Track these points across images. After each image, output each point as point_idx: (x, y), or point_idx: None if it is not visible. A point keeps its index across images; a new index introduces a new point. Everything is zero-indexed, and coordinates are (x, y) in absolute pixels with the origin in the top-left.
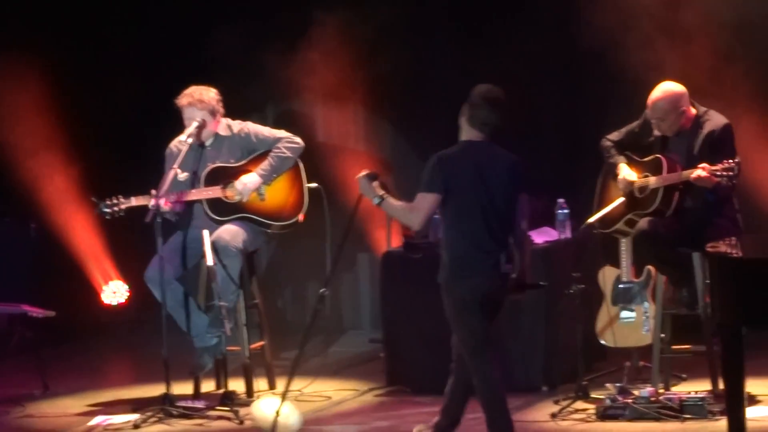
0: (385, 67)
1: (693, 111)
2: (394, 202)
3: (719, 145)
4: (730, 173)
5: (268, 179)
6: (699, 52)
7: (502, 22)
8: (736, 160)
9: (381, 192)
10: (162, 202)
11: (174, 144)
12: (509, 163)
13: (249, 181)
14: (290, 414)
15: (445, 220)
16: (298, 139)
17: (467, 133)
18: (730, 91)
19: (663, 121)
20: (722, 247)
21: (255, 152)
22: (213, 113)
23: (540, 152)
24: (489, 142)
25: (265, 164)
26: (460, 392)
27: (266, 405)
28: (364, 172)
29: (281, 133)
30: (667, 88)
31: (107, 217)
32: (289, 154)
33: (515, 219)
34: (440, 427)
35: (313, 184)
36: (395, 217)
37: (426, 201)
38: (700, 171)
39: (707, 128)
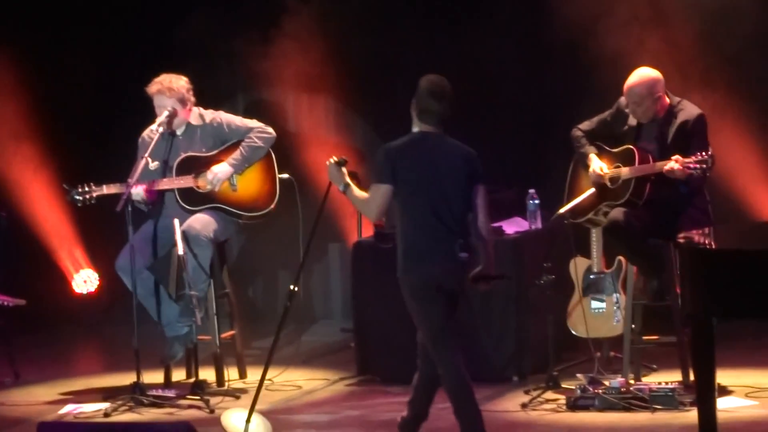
0: (357, 56)
1: (667, 100)
2: (357, 191)
3: (692, 136)
4: (704, 166)
5: (239, 169)
6: (672, 42)
7: (472, 11)
8: (710, 152)
9: (347, 180)
10: (140, 189)
11: (146, 133)
12: (461, 154)
13: (220, 170)
14: (260, 425)
15: (399, 210)
16: (270, 129)
17: (417, 124)
18: (701, 82)
19: (639, 106)
20: (695, 237)
21: (227, 142)
22: (183, 102)
23: (510, 142)
24: (440, 134)
25: (236, 154)
26: (424, 386)
27: (235, 417)
28: (333, 158)
29: (253, 123)
30: (643, 73)
31: (78, 205)
32: (260, 143)
33: (473, 210)
34: (405, 420)
35: (285, 175)
36: (356, 206)
37: (378, 192)
38: (673, 163)
39: (681, 118)
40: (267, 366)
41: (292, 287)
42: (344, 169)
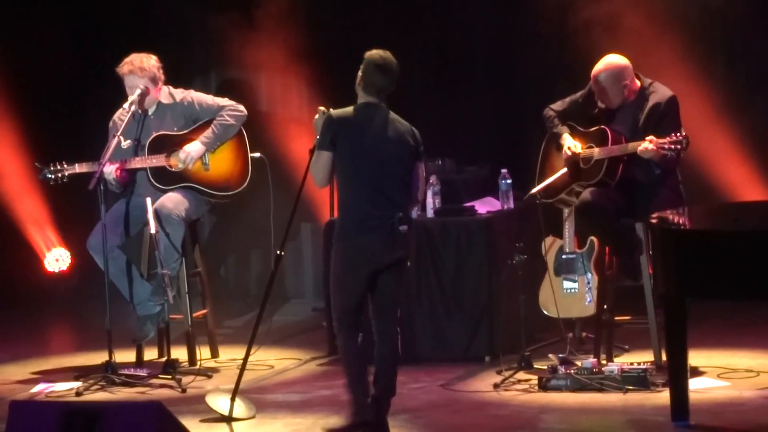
0: (329, 36)
1: (638, 83)
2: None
3: (664, 117)
4: (678, 147)
5: (211, 147)
6: (644, 21)
7: None
8: (684, 133)
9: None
10: (113, 169)
11: (117, 115)
12: (404, 128)
13: (192, 149)
14: (244, 405)
15: (338, 178)
16: (241, 107)
17: (362, 96)
18: (671, 61)
19: (605, 93)
20: (668, 216)
21: (199, 120)
22: (154, 80)
23: (482, 122)
24: (383, 107)
25: (208, 132)
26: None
27: (221, 400)
28: (322, 109)
29: (225, 101)
30: (610, 60)
31: (51, 183)
32: (232, 122)
33: (411, 184)
34: (374, 397)
35: (257, 154)
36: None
37: (320, 159)
38: (647, 144)
39: (653, 100)
40: (254, 335)
41: (278, 252)
42: None
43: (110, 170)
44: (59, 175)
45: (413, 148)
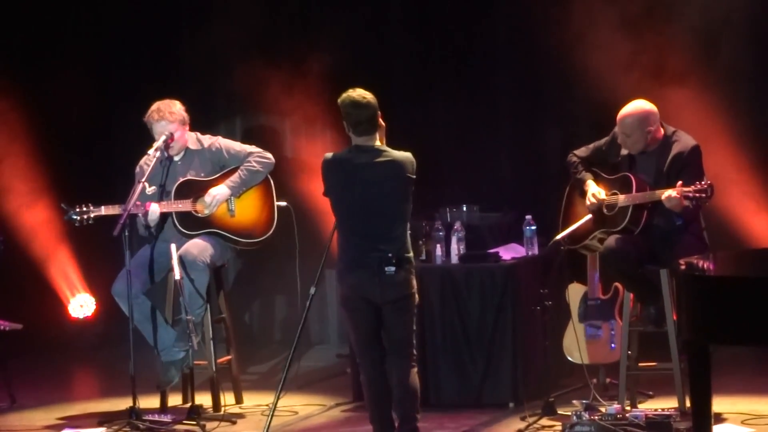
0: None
1: (662, 131)
2: None
3: (687, 166)
4: (702, 195)
5: (237, 192)
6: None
7: (470, 38)
8: (708, 182)
9: None
10: (157, 208)
11: (143, 161)
12: (393, 164)
13: (218, 192)
14: None
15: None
16: (268, 155)
17: (353, 139)
18: (692, 106)
19: (629, 137)
20: (695, 262)
21: (226, 167)
22: (183, 123)
23: (508, 168)
24: (373, 146)
25: (235, 177)
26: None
27: None
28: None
29: (252, 148)
30: (637, 105)
31: (76, 225)
32: (259, 168)
33: (399, 220)
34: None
35: (283, 203)
36: None
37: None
38: (672, 191)
39: (676, 149)
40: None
41: (312, 290)
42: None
43: (156, 210)
44: (85, 216)
45: (407, 179)
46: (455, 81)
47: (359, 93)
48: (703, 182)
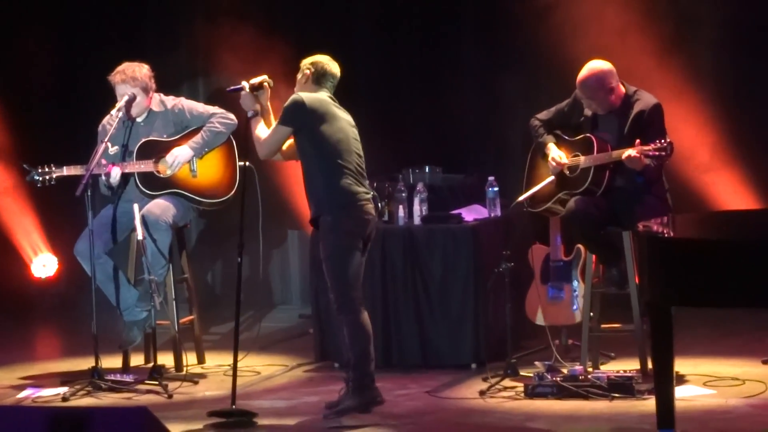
0: (315, 43)
1: (623, 89)
2: (261, 124)
3: (649, 125)
4: (662, 153)
5: (199, 152)
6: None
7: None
8: (668, 140)
9: (257, 107)
10: (118, 170)
11: (106, 120)
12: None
13: (180, 153)
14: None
15: (324, 157)
16: (231, 116)
17: (315, 89)
18: (657, 67)
19: (593, 99)
20: (654, 225)
21: (188, 128)
22: (146, 90)
23: (470, 130)
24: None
25: (197, 138)
26: None
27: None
28: (246, 84)
29: (215, 109)
30: (594, 66)
31: (38, 185)
32: (222, 129)
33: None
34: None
35: (245, 163)
36: (253, 137)
37: (279, 134)
38: (632, 151)
39: (637, 108)
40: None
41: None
42: (263, 94)
43: (117, 174)
44: (47, 177)
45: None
46: (418, 42)
47: (327, 57)
48: (662, 140)
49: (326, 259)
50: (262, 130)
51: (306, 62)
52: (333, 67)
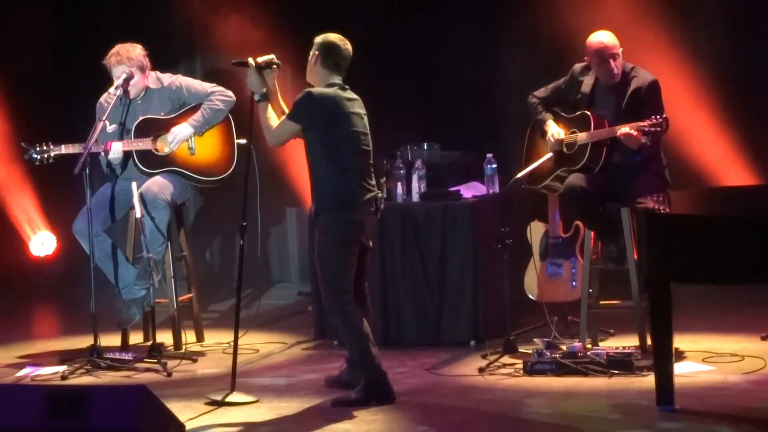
0: (317, 27)
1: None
2: (270, 111)
3: (646, 102)
4: (657, 129)
5: (200, 130)
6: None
7: None
8: (663, 116)
9: (264, 89)
10: (120, 146)
11: (103, 98)
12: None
13: (180, 131)
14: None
15: (323, 154)
16: (230, 93)
17: (325, 77)
18: (653, 46)
19: (615, 59)
20: (650, 202)
21: (186, 105)
22: (142, 69)
23: (468, 107)
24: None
25: (197, 115)
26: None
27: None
28: (252, 61)
29: (213, 87)
30: (601, 33)
31: (36, 164)
32: (221, 106)
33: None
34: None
35: (243, 141)
36: (262, 123)
37: (287, 128)
38: (627, 128)
39: (634, 84)
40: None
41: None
42: (270, 74)
43: (118, 148)
44: (45, 155)
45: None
46: (415, 19)
47: (339, 36)
48: (658, 116)
49: (318, 259)
50: (272, 118)
51: (317, 41)
52: (344, 49)
